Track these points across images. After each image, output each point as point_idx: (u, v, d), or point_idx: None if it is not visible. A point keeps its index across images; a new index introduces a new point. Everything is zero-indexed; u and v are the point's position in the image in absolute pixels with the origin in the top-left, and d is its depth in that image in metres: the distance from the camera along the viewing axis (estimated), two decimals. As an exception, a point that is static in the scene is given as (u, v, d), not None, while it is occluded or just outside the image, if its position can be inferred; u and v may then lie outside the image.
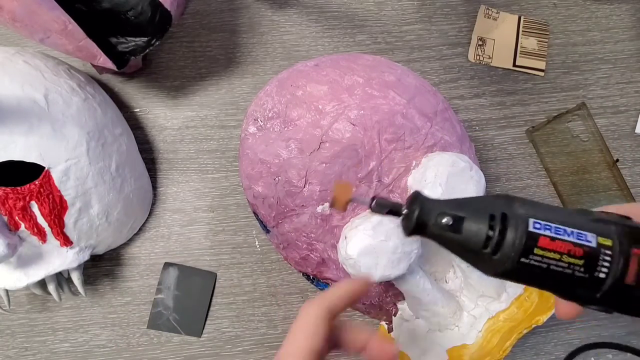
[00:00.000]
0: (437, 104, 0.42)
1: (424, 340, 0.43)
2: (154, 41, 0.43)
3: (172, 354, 0.49)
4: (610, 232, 0.23)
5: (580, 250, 0.22)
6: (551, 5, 0.55)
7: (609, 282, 0.22)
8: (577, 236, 0.22)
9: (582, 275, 0.22)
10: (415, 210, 0.24)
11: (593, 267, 0.22)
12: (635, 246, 0.22)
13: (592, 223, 0.23)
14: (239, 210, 0.51)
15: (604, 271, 0.22)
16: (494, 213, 0.23)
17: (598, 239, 0.22)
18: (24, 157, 0.39)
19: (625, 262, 0.22)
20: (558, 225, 0.23)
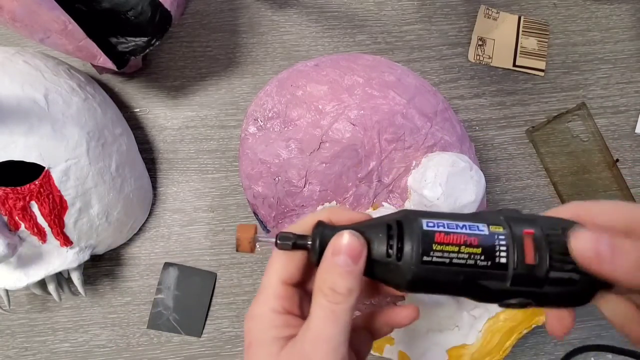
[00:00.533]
0: (437, 104, 0.42)
1: (424, 340, 0.43)
2: (154, 41, 0.43)
3: (172, 354, 0.49)
4: (499, 221, 0.24)
5: (475, 239, 0.23)
6: (551, 5, 0.55)
7: (511, 265, 0.23)
8: (469, 227, 0.23)
9: (485, 264, 0.23)
10: (317, 240, 0.25)
11: (492, 253, 0.23)
12: (525, 227, 0.23)
13: (478, 216, 0.24)
14: (239, 210, 0.51)
15: (504, 255, 0.23)
16: (390, 223, 0.24)
17: (489, 227, 0.23)
18: (24, 157, 0.39)
19: (519, 242, 0.23)
20: (449, 221, 0.24)
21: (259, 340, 0.25)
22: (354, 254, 0.24)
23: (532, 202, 0.52)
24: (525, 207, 0.52)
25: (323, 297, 0.24)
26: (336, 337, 0.23)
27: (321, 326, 0.23)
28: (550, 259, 0.23)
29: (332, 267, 0.24)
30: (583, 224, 0.23)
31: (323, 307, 0.24)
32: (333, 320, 0.23)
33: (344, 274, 0.23)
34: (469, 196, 0.37)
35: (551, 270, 0.23)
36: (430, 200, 0.37)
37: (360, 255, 0.24)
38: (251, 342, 0.25)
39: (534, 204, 0.52)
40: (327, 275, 0.24)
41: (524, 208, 0.52)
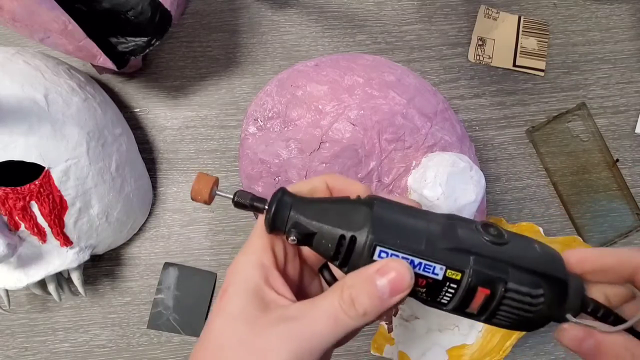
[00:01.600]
0: (437, 104, 0.42)
1: (424, 340, 0.43)
2: (154, 41, 0.43)
3: (172, 354, 0.49)
4: (463, 265, 0.22)
5: (424, 281, 0.22)
6: (551, 5, 0.55)
7: (450, 307, 0.23)
8: (425, 268, 0.22)
9: (425, 298, 0.23)
10: (271, 212, 0.24)
11: (435, 295, 0.23)
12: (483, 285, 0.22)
13: (448, 252, 0.22)
14: (239, 210, 0.51)
15: (446, 299, 0.23)
16: (345, 234, 0.23)
17: (447, 272, 0.22)
18: (24, 157, 0.39)
19: (469, 296, 0.22)
20: (406, 255, 0.22)
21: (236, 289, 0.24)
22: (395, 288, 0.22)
23: (532, 202, 0.52)
24: (525, 207, 0.52)
25: (339, 299, 0.22)
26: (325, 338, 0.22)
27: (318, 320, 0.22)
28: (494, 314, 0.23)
29: (367, 281, 0.22)
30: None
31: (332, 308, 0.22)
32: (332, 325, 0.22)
33: (374, 296, 0.22)
34: (469, 196, 0.37)
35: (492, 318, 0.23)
36: (430, 200, 0.37)
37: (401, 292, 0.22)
38: (227, 288, 0.24)
39: (534, 204, 0.52)
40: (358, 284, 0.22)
41: (523, 208, 0.52)
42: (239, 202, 0.25)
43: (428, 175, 0.37)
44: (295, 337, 0.22)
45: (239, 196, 0.25)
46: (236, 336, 0.22)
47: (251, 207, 0.25)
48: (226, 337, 0.23)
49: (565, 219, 0.52)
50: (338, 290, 0.23)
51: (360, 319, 0.22)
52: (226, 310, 0.23)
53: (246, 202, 0.25)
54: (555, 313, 0.23)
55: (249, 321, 0.23)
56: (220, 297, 0.24)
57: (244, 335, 0.22)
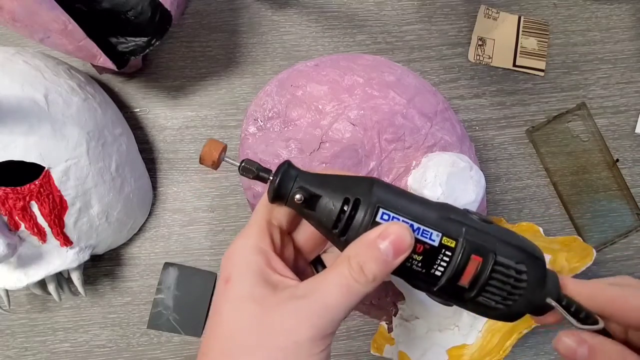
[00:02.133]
0: (437, 104, 0.42)
1: (424, 340, 0.43)
2: (154, 41, 0.43)
3: (172, 354, 0.49)
4: (457, 234, 0.23)
5: (421, 246, 0.23)
6: (551, 5, 0.55)
7: (443, 280, 0.23)
8: (423, 233, 0.23)
9: (419, 270, 0.24)
10: (277, 179, 0.24)
11: (430, 264, 0.23)
12: (476, 253, 0.23)
13: (444, 221, 0.24)
14: (239, 210, 0.51)
15: (440, 270, 0.23)
16: (349, 197, 0.24)
17: (442, 238, 0.23)
18: (24, 157, 0.39)
19: (462, 265, 0.23)
20: (406, 219, 0.23)
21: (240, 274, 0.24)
22: (398, 249, 0.23)
23: (532, 202, 0.52)
24: (525, 207, 0.52)
25: (347, 268, 0.23)
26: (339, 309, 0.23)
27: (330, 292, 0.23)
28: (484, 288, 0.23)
29: (371, 247, 0.23)
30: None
31: (341, 277, 0.23)
32: (345, 294, 0.23)
33: (379, 260, 0.23)
34: (469, 196, 0.37)
35: (479, 296, 0.24)
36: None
37: (403, 252, 0.23)
38: (229, 277, 0.24)
39: (534, 204, 0.52)
40: (362, 251, 0.23)
41: (523, 208, 0.52)
42: (246, 168, 0.25)
43: (428, 175, 0.37)
44: (312, 313, 0.22)
45: (246, 163, 0.25)
46: (248, 318, 0.22)
47: (257, 175, 0.25)
48: (238, 321, 0.23)
49: (565, 219, 0.52)
50: (345, 260, 0.23)
51: (370, 284, 0.23)
52: (234, 294, 0.23)
53: (253, 169, 0.25)
54: (536, 296, 0.24)
55: (259, 302, 0.23)
56: (223, 284, 0.24)
57: (256, 317, 0.22)
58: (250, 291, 0.23)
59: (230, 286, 0.24)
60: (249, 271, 0.24)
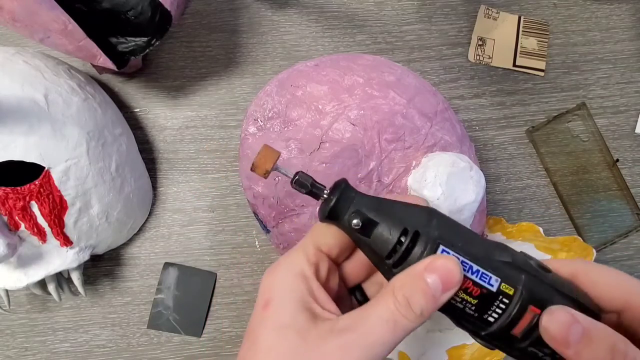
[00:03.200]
0: (437, 104, 0.42)
1: (424, 340, 0.43)
2: (154, 41, 0.43)
3: (172, 354, 0.49)
4: (517, 281, 0.22)
5: (478, 290, 0.22)
6: (551, 5, 0.55)
7: (495, 326, 0.22)
8: (482, 276, 0.22)
9: (472, 313, 0.22)
10: (333, 199, 0.23)
11: (485, 309, 0.22)
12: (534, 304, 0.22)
13: (503, 266, 0.22)
14: (239, 210, 0.51)
15: (494, 317, 0.22)
16: (408, 228, 0.23)
17: (501, 284, 0.22)
18: (24, 157, 0.39)
19: (518, 315, 0.22)
20: (466, 260, 0.22)
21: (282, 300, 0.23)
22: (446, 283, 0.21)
23: (532, 202, 0.52)
24: (525, 207, 0.52)
25: (393, 301, 0.22)
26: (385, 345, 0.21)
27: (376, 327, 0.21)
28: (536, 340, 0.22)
29: (418, 279, 0.22)
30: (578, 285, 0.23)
31: (388, 311, 0.22)
32: (391, 330, 0.21)
33: (428, 294, 0.21)
34: (469, 196, 0.37)
35: (530, 347, 0.22)
36: (430, 200, 0.37)
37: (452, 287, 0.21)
38: (271, 300, 0.23)
39: (534, 204, 0.52)
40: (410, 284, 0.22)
41: (523, 208, 0.52)
42: (300, 182, 0.24)
43: (428, 175, 0.37)
44: (355, 349, 0.21)
45: (300, 177, 0.24)
46: (288, 349, 0.21)
47: (310, 191, 0.24)
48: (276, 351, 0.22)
49: (565, 219, 0.52)
50: (390, 293, 0.22)
51: (417, 319, 0.22)
52: (273, 321, 0.22)
53: (307, 184, 0.24)
54: None
55: (300, 333, 0.22)
56: (261, 307, 0.23)
57: (297, 348, 0.21)
58: (291, 320, 0.22)
59: (270, 312, 0.23)
60: (291, 298, 0.23)
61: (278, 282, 0.24)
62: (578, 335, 0.20)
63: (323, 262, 0.25)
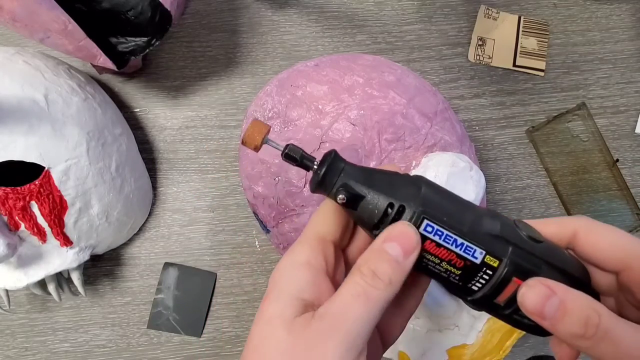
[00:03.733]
0: (437, 104, 0.42)
1: (424, 340, 0.43)
2: (154, 41, 0.43)
3: (172, 354, 0.49)
4: (502, 254, 0.22)
5: (462, 262, 0.22)
6: (551, 5, 0.55)
7: (478, 294, 0.23)
8: (466, 249, 0.22)
9: (456, 282, 0.23)
10: (322, 170, 0.24)
11: (468, 279, 0.23)
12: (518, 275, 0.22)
13: (490, 238, 0.23)
14: (239, 210, 0.51)
15: (477, 286, 0.23)
16: (394, 202, 0.23)
17: (486, 257, 0.22)
18: (24, 157, 0.39)
19: (501, 286, 0.22)
20: (450, 233, 0.22)
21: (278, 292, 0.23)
22: (406, 249, 0.22)
23: (532, 202, 0.52)
24: (525, 207, 0.52)
25: (360, 276, 0.22)
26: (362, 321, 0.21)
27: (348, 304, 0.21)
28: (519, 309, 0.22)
29: (380, 252, 0.22)
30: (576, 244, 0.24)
31: (357, 286, 0.22)
32: (363, 303, 0.21)
33: (392, 262, 0.22)
34: (469, 196, 0.37)
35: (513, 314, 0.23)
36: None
37: (412, 250, 0.22)
38: (270, 292, 0.23)
39: (534, 203, 0.52)
40: (372, 256, 0.22)
41: (523, 208, 0.52)
42: (289, 155, 0.24)
43: (428, 175, 0.37)
44: (334, 332, 0.21)
45: (289, 150, 0.24)
46: (275, 341, 0.22)
47: (300, 163, 0.24)
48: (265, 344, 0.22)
49: (565, 219, 0.52)
50: (356, 270, 0.22)
51: (387, 287, 0.22)
52: (266, 315, 0.23)
53: (296, 156, 0.24)
54: None
55: (286, 324, 0.22)
56: (262, 301, 0.23)
57: (282, 341, 0.21)
58: (280, 312, 0.22)
59: (266, 304, 0.23)
60: (286, 290, 0.23)
61: (280, 274, 0.24)
62: (554, 308, 0.21)
63: (329, 252, 0.25)
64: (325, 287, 0.24)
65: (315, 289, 0.23)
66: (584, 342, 0.20)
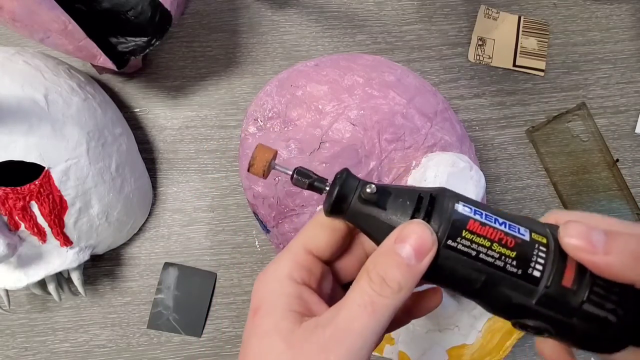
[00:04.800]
0: (437, 104, 0.42)
1: (424, 340, 0.43)
2: (154, 41, 0.43)
3: (172, 354, 0.49)
4: (544, 232, 0.21)
5: (513, 240, 0.20)
6: (551, 5, 0.55)
7: (544, 281, 0.20)
8: (509, 227, 0.20)
9: (515, 270, 0.20)
10: (336, 188, 0.22)
11: (527, 262, 0.20)
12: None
13: (523, 219, 0.21)
14: (239, 210, 0.51)
15: (539, 268, 0.20)
16: (423, 195, 0.21)
17: (532, 234, 0.20)
18: (24, 157, 0.39)
19: (562, 261, 0.20)
20: (489, 213, 0.21)
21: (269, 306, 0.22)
22: (421, 249, 0.20)
23: (532, 202, 0.52)
24: (525, 207, 0.52)
25: (368, 283, 0.20)
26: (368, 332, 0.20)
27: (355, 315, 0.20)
28: (591, 290, 0.20)
29: (390, 254, 0.20)
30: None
31: (364, 294, 0.20)
32: (370, 313, 0.20)
33: (402, 266, 0.20)
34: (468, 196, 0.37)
35: (587, 302, 0.20)
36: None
37: (427, 252, 0.20)
38: (259, 307, 0.22)
39: (534, 204, 0.52)
40: (381, 260, 0.21)
41: (523, 208, 0.52)
42: (299, 179, 0.23)
43: (428, 175, 0.37)
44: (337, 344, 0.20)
45: (298, 173, 0.23)
46: (274, 356, 0.21)
47: (311, 185, 0.23)
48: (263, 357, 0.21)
49: (565, 219, 0.52)
50: (364, 276, 0.21)
51: (397, 295, 0.20)
52: (260, 328, 0.22)
53: (306, 179, 0.23)
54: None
55: (284, 338, 0.21)
56: (252, 315, 0.23)
57: (281, 354, 0.21)
58: (275, 326, 0.21)
59: (258, 319, 0.22)
60: (277, 304, 0.22)
61: (265, 288, 0.23)
62: (602, 237, 0.19)
63: (314, 265, 0.24)
64: (312, 299, 0.23)
65: (302, 302, 0.22)
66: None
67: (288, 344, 0.21)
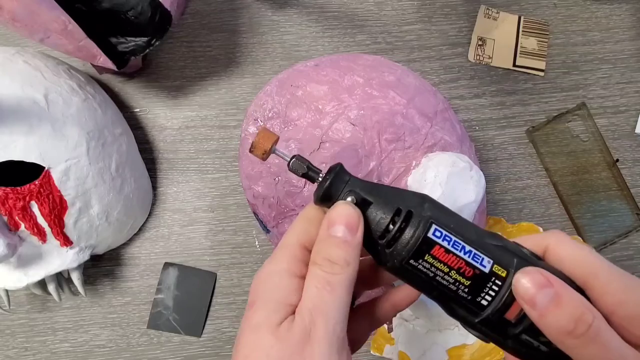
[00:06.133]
0: (437, 104, 0.42)
1: (424, 340, 0.43)
2: (154, 41, 0.43)
3: (172, 354, 0.49)
4: (509, 264, 0.22)
5: (471, 271, 0.22)
6: (551, 5, 0.55)
7: (488, 310, 0.22)
8: (474, 257, 0.22)
9: (465, 296, 0.22)
10: (328, 181, 0.24)
11: (478, 291, 0.22)
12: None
13: (495, 249, 0.22)
14: (239, 210, 0.51)
15: (487, 299, 0.22)
16: (401, 208, 0.23)
17: (494, 266, 0.22)
18: (24, 157, 0.39)
19: (511, 297, 0.22)
20: (458, 240, 0.22)
21: (262, 300, 0.23)
22: (351, 225, 0.23)
23: (532, 202, 0.52)
24: (525, 207, 0.52)
25: (317, 268, 0.23)
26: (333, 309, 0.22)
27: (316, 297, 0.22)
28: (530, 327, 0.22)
29: (327, 238, 0.23)
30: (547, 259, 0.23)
31: (318, 278, 0.23)
32: (329, 291, 0.22)
33: (341, 244, 0.22)
34: (468, 196, 0.37)
35: (523, 333, 0.22)
36: (430, 200, 0.37)
37: (357, 225, 0.23)
38: (254, 301, 0.24)
39: (534, 204, 0.52)
40: (322, 246, 0.23)
41: (523, 208, 0.52)
42: (296, 165, 0.25)
43: (428, 175, 0.37)
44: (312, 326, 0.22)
45: (296, 159, 0.25)
46: (262, 347, 0.22)
47: (306, 173, 0.25)
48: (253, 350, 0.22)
49: (565, 219, 0.52)
50: (312, 264, 0.23)
51: (346, 269, 0.23)
52: (251, 321, 0.23)
53: (303, 166, 0.25)
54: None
55: (272, 330, 0.22)
56: (247, 310, 0.24)
57: (269, 346, 0.22)
58: (266, 318, 0.22)
59: (251, 312, 0.23)
60: (270, 297, 0.23)
61: (262, 283, 0.24)
62: (548, 297, 0.20)
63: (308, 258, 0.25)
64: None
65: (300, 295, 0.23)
66: (571, 341, 0.20)
67: (276, 337, 0.22)
